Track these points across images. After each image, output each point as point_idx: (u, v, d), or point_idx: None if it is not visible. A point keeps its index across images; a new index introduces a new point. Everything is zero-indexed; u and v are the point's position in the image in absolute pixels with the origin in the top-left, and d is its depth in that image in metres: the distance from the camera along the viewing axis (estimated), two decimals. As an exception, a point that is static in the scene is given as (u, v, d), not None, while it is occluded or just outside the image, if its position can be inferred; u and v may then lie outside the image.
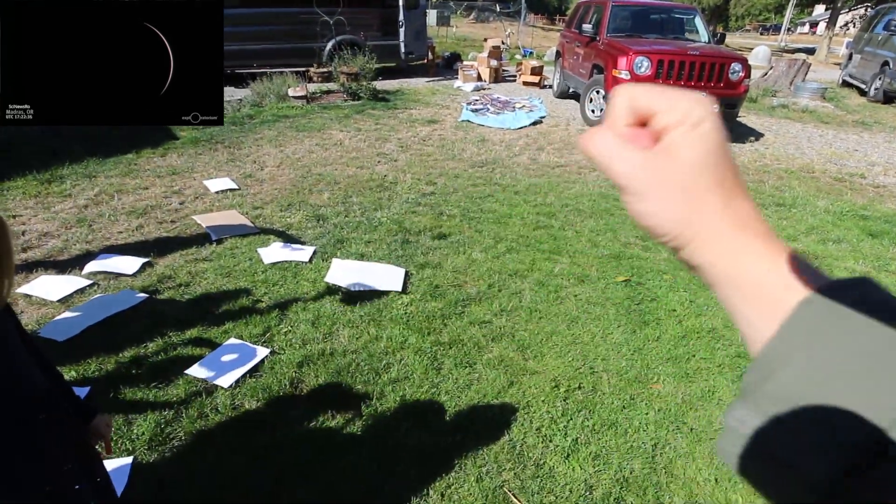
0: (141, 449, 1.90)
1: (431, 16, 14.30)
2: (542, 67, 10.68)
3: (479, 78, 10.39)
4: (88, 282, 2.93)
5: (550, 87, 10.21)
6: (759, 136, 7.69)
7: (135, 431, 1.96)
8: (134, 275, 3.06)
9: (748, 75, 6.88)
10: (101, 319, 2.59)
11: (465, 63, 11.15)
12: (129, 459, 1.81)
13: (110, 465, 1.74)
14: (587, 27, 7.90)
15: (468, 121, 7.32)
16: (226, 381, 2.25)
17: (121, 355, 2.38)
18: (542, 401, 2.28)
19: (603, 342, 2.71)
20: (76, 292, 2.83)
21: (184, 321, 2.66)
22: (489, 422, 2.17)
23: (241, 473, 1.84)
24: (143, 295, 2.84)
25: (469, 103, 8.28)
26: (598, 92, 7.31)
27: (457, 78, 10.47)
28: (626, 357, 2.60)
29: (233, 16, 8.89)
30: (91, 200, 4.07)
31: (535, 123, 7.44)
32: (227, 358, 2.39)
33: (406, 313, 2.86)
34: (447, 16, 17.78)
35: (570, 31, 9.23)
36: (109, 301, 2.75)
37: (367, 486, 1.84)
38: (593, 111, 7.45)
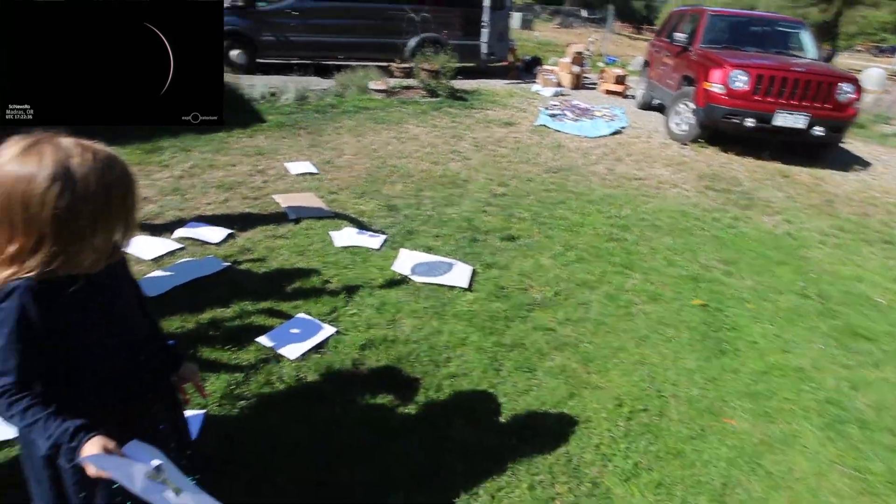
0: (212, 405, 2.00)
1: (515, 18, 14.23)
2: (626, 76, 10.34)
3: (560, 83, 10.21)
4: (178, 245, 3.14)
5: (633, 97, 9.87)
6: (866, 165, 7.05)
7: (208, 388, 2.06)
8: (218, 244, 3.24)
9: (859, 97, 6.32)
10: (186, 281, 2.77)
11: (545, 67, 11.01)
12: (202, 412, 1.91)
13: (185, 414, 1.85)
14: (679, 36, 7.56)
15: (545, 125, 7.21)
16: (292, 352, 2.33)
17: (201, 316, 2.53)
18: (604, 418, 2.19)
19: (673, 366, 2.57)
20: (167, 254, 3.05)
21: (258, 292, 2.79)
22: (546, 431, 2.11)
23: (302, 443, 1.90)
24: (225, 263, 3.01)
25: (547, 108, 8.15)
26: (685, 105, 6.98)
27: (536, 82, 10.35)
28: (699, 385, 2.45)
29: (324, 8, 9.25)
30: (186, 172, 4.36)
31: (614, 133, 7.21)
32: (295, 331, 2.48)
33: (470, 310, 2.84)
34: (530, 19, 17.62)
35: (660, 39, 8.88)
36: (195, 265, 2.93)
37: (419, 475, 1.84)
38: (678, 124, 7.12)
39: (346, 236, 3.49)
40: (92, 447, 0.92)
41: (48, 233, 0.90)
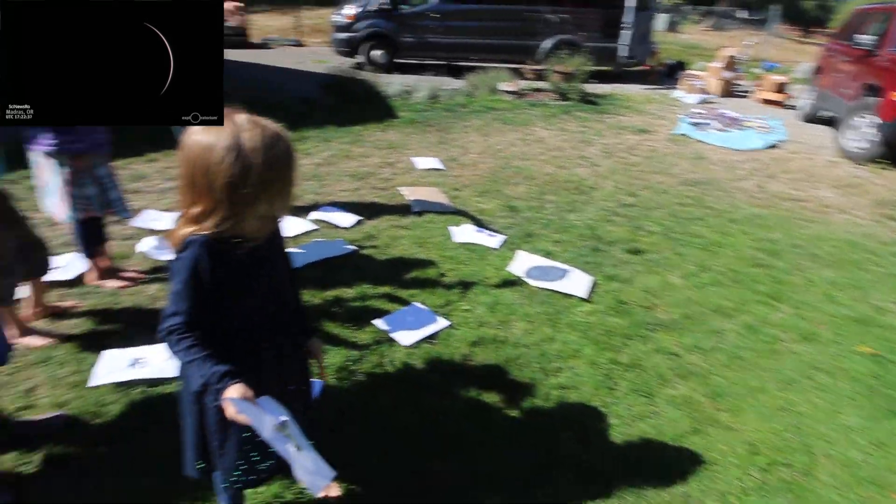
0: (329, 377, 2.12)
1: (660, 20, 13.36)
2: (787, 84, 9.19)
3: (706, 90, 9.38)
4: (313, 227, 3.40)
5: (796, 107, 8.74)
6: None
7: (327, 360, 2.19)
8: (347, 228, 3.46)
9: None
10: (317, 260, 2.98)
11: (690, 72, 10.18)
12: (321, 381, 2.03)
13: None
14: (864, 39, 6.51)
15: (685, 135, 6.66)
16: (405, 339, 2.39)
17: (326, 294, 2.70)
18: (733, 463, 1.94)
19: (828, 420, 2.20)
20: (302, 233, 3.31)
21: (378, 277, 2.91)
22: (662, 464, 1.92)
23: (410, 427, 1.94)
24: (352, 247, 3.19)
25: (689, 116, 7.53)
26: (865, 118, 6.00)
27: (678, 87, 9.63)
28: (861, 448, 2.07)
29: (463, 11, 9.45)
30: (324, 161, 4.71)
31: (769, 147, 6.44)
32: (409, 319, 2.54)
33: (586, 322, 2.70)
34: (677, 21, 16.41)
35: (837, 42, 7.74)
36: (325, 246, 3.15)
37: (523, 481, 1.78)
38: (854, 140, 6.14)
39: (465, 233, 3.52)
40: (233, 392, 1.02)
41: (222, 198, 1.00)
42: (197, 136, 1.01)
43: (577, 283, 3.03)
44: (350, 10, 9.56)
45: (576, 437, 1.98)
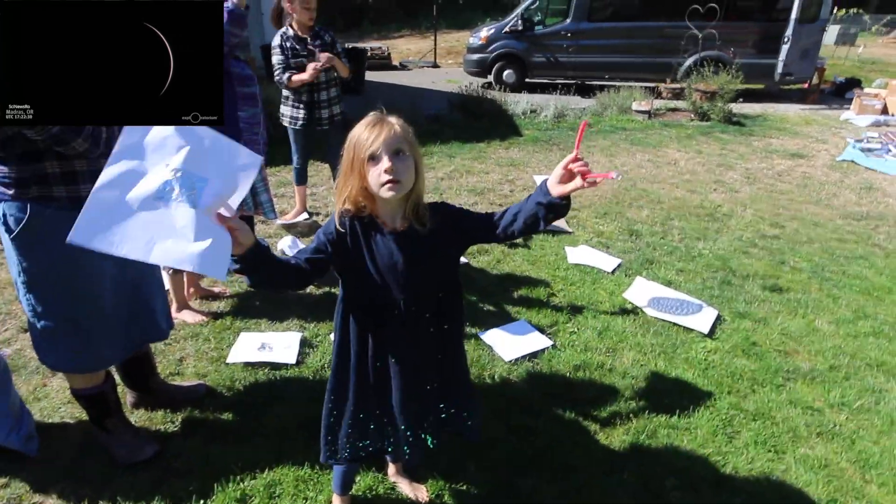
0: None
1: (830, 32, 11.79)
2: None
3: (885, 111, 8.07)
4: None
5: None
6: None
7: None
8: (460, 241, 3.54)
9: None
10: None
11: (865, 91, 8.84)
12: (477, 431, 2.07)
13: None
14: None
15: (853, 161, 5.79)
16: (507, 353, 2.38)
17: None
18: (883, 546, 1.63)
19: None
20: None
21: (487, 290, 2.94)
22: (787, 532, 1.68)
23: (501, 440, 1.93)
24: (463, 259, 3.27)
25: (859, 140, 6.53)
26: None
27: (847, 108, 8.41)
28: None
29: (597, 29, 9.26)
30: (446, 175, 4.90)
31: (966, 179, 5.34)
32: (514, 334, 2.53)
33: (706, 360, 2.46)
34: (853, 33, 14.35)
35: None
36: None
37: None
38: None
39: (580, 253, 3.42)
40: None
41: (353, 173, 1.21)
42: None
43: (700, 316, 2.78)
44: (485, 32, 9.89)
45: (684, 485, 1.81)
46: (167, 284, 2.40)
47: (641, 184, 4.90)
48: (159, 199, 1.00)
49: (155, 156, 1.03)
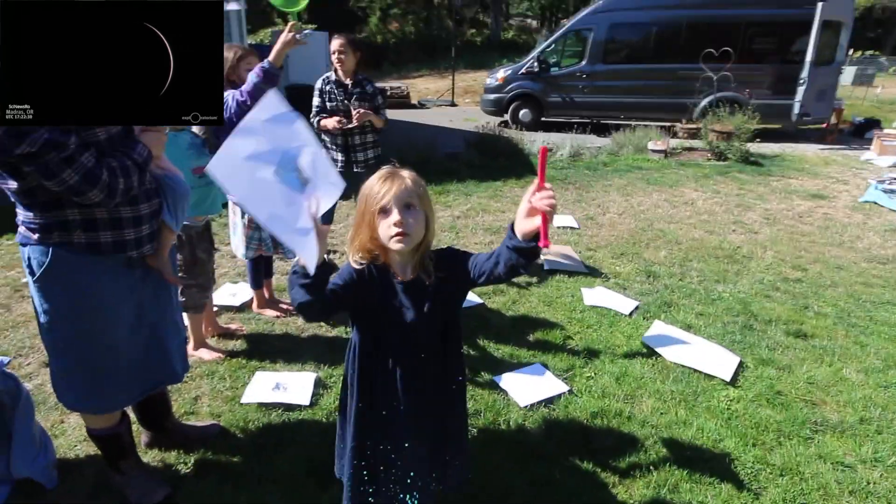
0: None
1: (847, 73, 11.85)
2: None
3: (906, 152, 7.99)
4: (444, 276, 3.55)
5: None
6: None
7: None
8: (476, 280, 3.54)
9: None
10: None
11: (885, 131, 8.79)
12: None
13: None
14: None
15: (875, 202, 5.71)
16: (523, 400, 2.34)
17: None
18: None
19: None
20: (434, 282, 3.47)
21: (502, 333, 2.92)
22: None
23: (519, 493, 1.87)
24: (479, 300, 3.26)
25: (882, 181, 6.45)
26: None
27: (868, 148, 8.35)
28: None
29: (613, 71, 9.44)
30: (463, 213, 4.95)
31: None
32: (529, 378, 2.49)
33: (729, 409, 2.39)
34: (871, 74, 14.39)
35: None
36: (454, 296, 3.26)
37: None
38: None
39: (597, 295, 3.38)
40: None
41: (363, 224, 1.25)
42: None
43: (721, 363, 2.71)
44: (501, 73, 10.15)
45: (707, 544, 1.73)
46: (186, 321, 2.43)
47: (658, 224, 4.88)
48: (284, 173, 1.05)
49: (284, 136, 1.07)
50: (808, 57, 8.49)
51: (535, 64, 9.79)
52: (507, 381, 2.47)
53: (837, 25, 8.78)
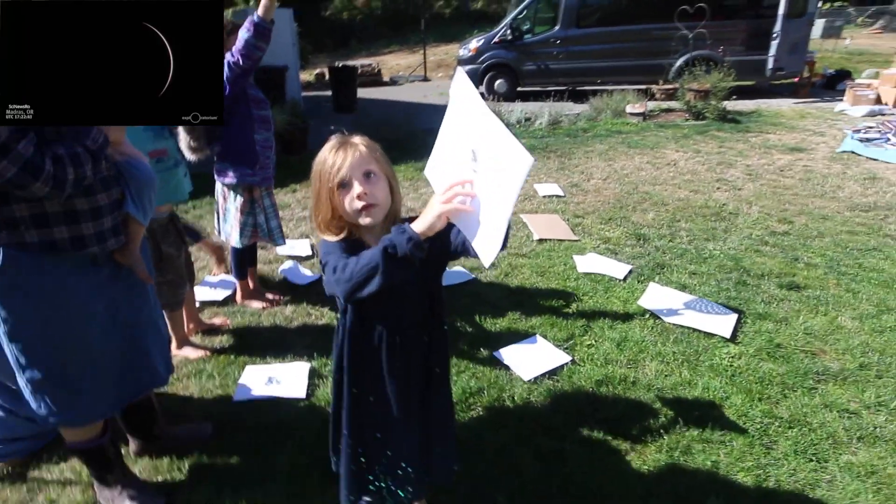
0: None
1: (817, 26, 11.86)
2: None
3: (879, 100, 8.06)
4: (433, 254, 3.46)
5: None
6: None
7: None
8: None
9: None
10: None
11: (857, 82, 8.86)
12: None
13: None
14: None
15: (853, 152, 5.75)
16: (526, 373, 2.28)
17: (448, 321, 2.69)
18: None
19: None
20: (423, 260, 3.38)
21: (498, 307, 2.85)
22: (840, 549, 1.57)
23: (530, 469, 1.82)
24: (471, 274, 3.18)
25: (857, 130, 6.50)
26: None
27: (840, 100, 8.41)
28: None
29: (586, 35, 9.28)
30: (446, 188, 4.83)
31: (970, 163, 5.30)
32: (530, 352, 2.43)
33: (731, 366, 2.37)
34: (839, 26, 14.45)
35: None
36: (448, 274, 3.17)
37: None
38: None
39: (589, 262, 3.33)
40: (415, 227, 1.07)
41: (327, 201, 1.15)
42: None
43: (719, 320, 2.69)
44: (474, 44, 9.90)
45: (727, 503, 1.70)
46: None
47: (643, 186, 4.84)
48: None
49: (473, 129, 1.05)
50: (781, 10, 8.44)
51: (508, 32, 9.56)
52: (508, 355, 2.41)
53: (807, -24, 8.73)
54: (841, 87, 9.17)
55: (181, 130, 2.33)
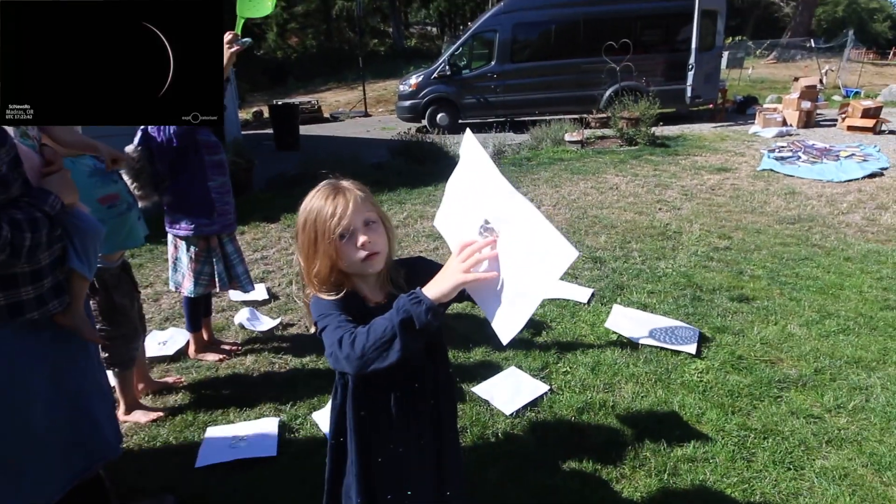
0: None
1: (724, 57, 13.07)
2: (880, 109, 8.54)
3: (785, 122, 8.90)
4: (397, 290, 3.37)
5: (891, 132, 8.06)
6: None
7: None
8: (430, 290, 3.40)
9: None
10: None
11: (765, 106, 9.75)
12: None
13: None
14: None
15: (771, 170, 6.26)
16: (507, 407, 2.23)
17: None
18: (926, 554, 1.59)
19: None
20: (387, 297, 3.29)
21: (469, 338, 2.80)
22: (832, 556, 1.60)
23: (525, 512, 1.75)
24: (437, 309, 3.11)
25: (771, 150, 7.11)
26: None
27: (752, 123, 9.21)
28: None
29: (521, 69, 9.72)
30: (401, 222, 4.79)
31: (870, 176, 5.90)
32: (507, 384, 2.39)
33: (702, 381, 2.43)
34: (740, 57, 16.01)
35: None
36: (411, 309, 3.10)
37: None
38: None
39: (552, 287, 3.36)
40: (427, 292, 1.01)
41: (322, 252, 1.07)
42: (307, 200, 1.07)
43: (683, 337, 2.77)
44: (414, 79, 10.10)
45: (718, 522, 1.71)
46: (112, 381, 2.08)
47: (592, 210, 5.01)
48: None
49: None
50: (694, 44, 9.22)
51: (447, 67, 9.85)
52: (486, 389, 2.36)
53: (714, 14, 9.63)
54: (751, 111, 10.07)
55: (124, 175, 2.16)
